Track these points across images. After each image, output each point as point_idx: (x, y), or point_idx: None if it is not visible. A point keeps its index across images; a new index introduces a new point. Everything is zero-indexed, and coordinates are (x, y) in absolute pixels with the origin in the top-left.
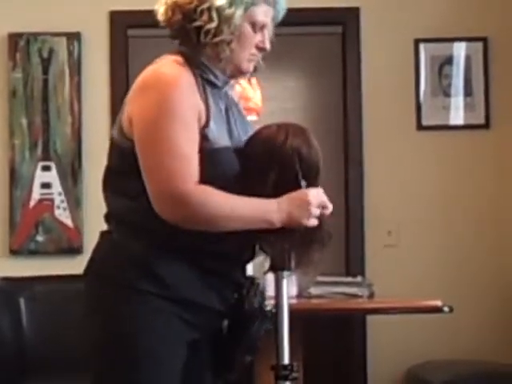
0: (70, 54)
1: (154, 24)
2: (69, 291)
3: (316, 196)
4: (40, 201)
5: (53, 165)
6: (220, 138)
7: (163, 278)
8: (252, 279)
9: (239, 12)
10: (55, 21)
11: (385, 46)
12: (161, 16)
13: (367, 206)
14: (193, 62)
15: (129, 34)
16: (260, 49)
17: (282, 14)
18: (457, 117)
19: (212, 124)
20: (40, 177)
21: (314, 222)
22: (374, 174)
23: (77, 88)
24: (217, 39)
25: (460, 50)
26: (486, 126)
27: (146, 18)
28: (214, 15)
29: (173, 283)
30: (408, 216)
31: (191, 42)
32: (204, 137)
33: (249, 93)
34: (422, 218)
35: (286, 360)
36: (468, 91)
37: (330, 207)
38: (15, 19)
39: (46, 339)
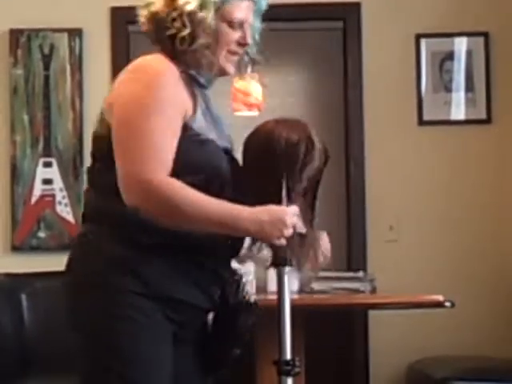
0: (71, 50)
1: None
2: None
3: (293, 216)
4: (41, 197)
5: (54, 161)
6: (207, 131)
7: (144, 276)
8: (234, 272)
9: (212, 13)
10: (56, 17)
11: (386, 42)
12: (142, 26)
13: (368, 201)
14: (179, 60)
15: (130, 30)
16: (241, 45)
17: (264, 3)
18: (458, 112)
19: (199, 116)
20: (41, 173)
21: (282, 242)
22: (375, 169)
23: (78, 84)
24: (194, 46)
25: (461, 45)
26: (488, 121)
27: None
28: (187, 21)
29: (155, 281)
30: (409, 211)
31: (169, 50)
32: (191, 128)
33: (250, 88)
34: (423, 214)
35: (288, 355)
36: (469, 86)
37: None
38: (16, 15)
39: (48, 335)
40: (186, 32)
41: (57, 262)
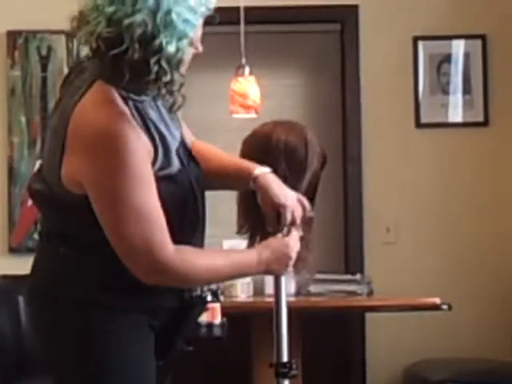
0: (69, 51)
1: None
2: None
3: (295, 246)
4: None
5: None
6: (166, 163)
7: (130, 291)
8: None
9: (187, 51)
10: (54, 18)
11: (383, 44)
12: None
13: (366, 203)
14: (117, 86)
15: None
16: (195, 55)
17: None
18: (455, 114)
19: (160, 154)
20: None
21: (289, 272)
22: (372, 171)
23: None
24: (173, 89)
25: (458, 47)
26: (485, 123)
27: None
28: (165, 65)
29: (139, 293)
30: (406, 213)
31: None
32: (155, 171)
33: (247, 90)
34: (420, 216)
35: (285, 358)
36: (467, 89)
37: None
38: (14, 17)
39: None
40: (167, 78)
41: None
